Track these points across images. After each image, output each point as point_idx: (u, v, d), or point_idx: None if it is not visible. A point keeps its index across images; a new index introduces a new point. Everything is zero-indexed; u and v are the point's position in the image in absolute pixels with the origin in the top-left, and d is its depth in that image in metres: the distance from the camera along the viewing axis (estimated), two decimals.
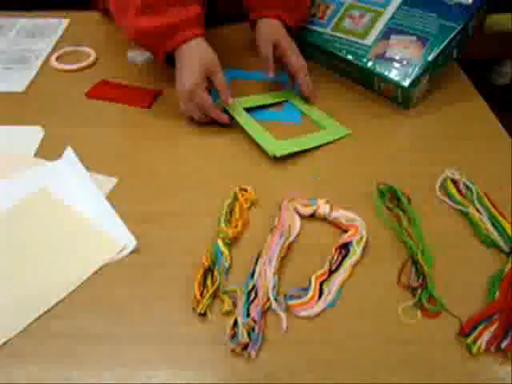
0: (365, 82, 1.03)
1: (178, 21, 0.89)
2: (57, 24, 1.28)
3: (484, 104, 1.02)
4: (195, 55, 0.89)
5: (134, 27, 0.90)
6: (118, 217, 0.75)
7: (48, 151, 0.88)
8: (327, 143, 0.91)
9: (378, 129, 0.96)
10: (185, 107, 0.92)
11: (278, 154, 0.84)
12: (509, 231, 0.74)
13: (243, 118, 0.92)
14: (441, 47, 0.97)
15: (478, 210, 0.78)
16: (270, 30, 1.01)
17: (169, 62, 0.94)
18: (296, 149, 0.87)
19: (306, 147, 0.88)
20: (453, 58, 1.03)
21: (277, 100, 1.01)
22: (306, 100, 1.01)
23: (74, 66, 1.09)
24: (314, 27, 1.09)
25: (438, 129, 0.96)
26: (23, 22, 1.30)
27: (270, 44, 0.99)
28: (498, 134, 0.95)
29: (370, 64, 0.99)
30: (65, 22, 1.29)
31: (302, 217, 0.76)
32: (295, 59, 0.98)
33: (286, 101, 1.02)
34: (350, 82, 1.07)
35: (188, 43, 0.90)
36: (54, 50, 1.18)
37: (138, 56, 1.10)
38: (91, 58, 1.12)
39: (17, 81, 1.06)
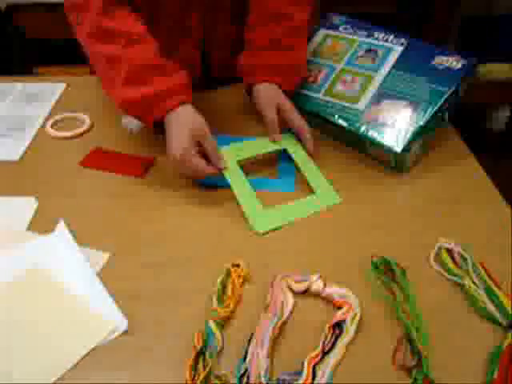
0: (358, 146, 1.04)
1: (163, 90, 0.91)
2: (54, 88, 1.30)
3: (479, 167, 1.02)
4: (183, 122, 0.91)
5: (121, 98, 0.93)
6: (109, 296, 0.74)
7: (41, 223, 0.88)
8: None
9: (372, 194, 0.96)
10: (179, 171, 0.93)
11: (262, 231, 0.84)
12: (506, 305, 0.73)
13: (234, 180, 0.93)
14: (432, 112, 0.97)
15: (473, 282, 0.77)
16: (271, 94, 1.03)
17: (159, 127, 0.95)
18: (282, 223, 0.87)
19: (293, 218, 0.88)
20: (445, 120, 1.03)
21: (274, 148, 1.01)
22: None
23: (69, 134, 1.10)
24: (307, 92, 1.10)
25: (432, 193, 0.96)
26: (22, 87, 1.31)
27: (273, 108, 1.01)
28: (494, 199, 0.95)
29: (362, 129, 1.00)
30: (62, 86, 1.30)
31: (294, 293, 0.74)
32: (298, 121, 1.01)
33: (284, 150, 1.01)
34: (343, 145, 1.07)
35: (175, 110, 0.91)
36: (50, 115, 1.19)
37: (132, 122, 1.11)
38: (86, 125, 1.13)
39: (12, 149, 1.07)
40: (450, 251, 0.82)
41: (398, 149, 0.95)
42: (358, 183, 0.98)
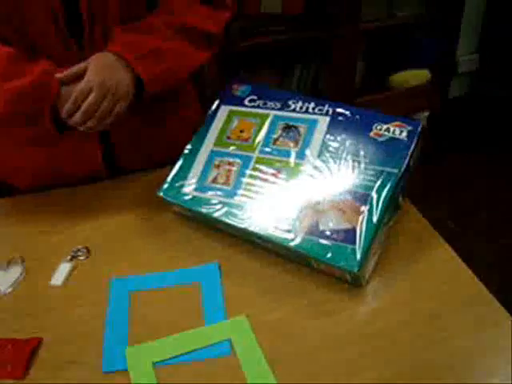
0: (299, 261, 0.81)
1: (47, 67, 0.86)
2: None
3: (451, 252, 0.84)
4: None
5: (5, 94, 0.85)
6: None
7: None
8: None
9: (320, 325, 0.74)
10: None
11: None
12: None
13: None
14: (384, 202, 0.77)
15: None
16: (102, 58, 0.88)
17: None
18: None
19: None
20: (400, 205, 0.82)
21: (212, 341, 0.74)
22: None
23: None
24: (221, 198, 0.85)
25: (403, 307, 0.76)
26: None
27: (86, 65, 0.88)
28: (483, 301, 0.76)
29: (300, 243, 0.78)
30: None
31: None
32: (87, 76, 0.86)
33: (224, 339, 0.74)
34: (280, 259, 0.84)
35: None
36: None
37: (5, 281, 0.83)
38: None
39: None
40: None
41: (353, 267, 0.74)
42: (305, 310, 0.77)
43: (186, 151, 0.93)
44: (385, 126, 0.83)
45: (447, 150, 2.43)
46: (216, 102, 0.97)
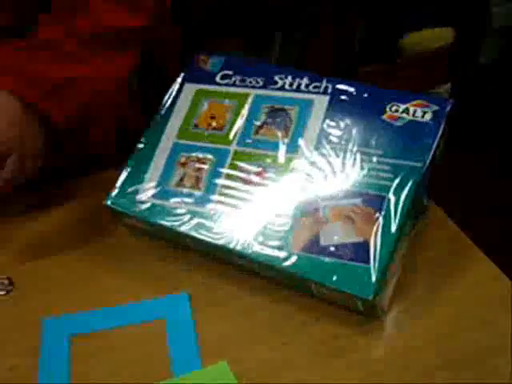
0: (295, 286, 0.75)
1: None
2: None
3: (502, 276, 0.77)
4: None
5: None
6: None
7: None
8: None
9: (325, 370, 0.69)
10: None
11: None
12: None
13: None
14: (405, 206, 0.71)
15: None
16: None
17: None
18: None
19: None
20: (424, 209, 0.78)
21: None
22: None
23: None
24: (185, 206, 0.79)
25: (429, 352, 0.70)
26: None
27: None
28: None
29: (295, 264, 0.70)
30: None
31: None
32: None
33: None
34: (269, 284, 0.78)
35: None
36: None
37: None
38: None
39: None
40: None
41: (368, 295, 0.66)
42: (304, 351, 0.72)
43: (139, 146, 0.82)
44: (402, 107, 0.74)
45: (476, 132, 2.36)
46: (178, 80, 0.86)
